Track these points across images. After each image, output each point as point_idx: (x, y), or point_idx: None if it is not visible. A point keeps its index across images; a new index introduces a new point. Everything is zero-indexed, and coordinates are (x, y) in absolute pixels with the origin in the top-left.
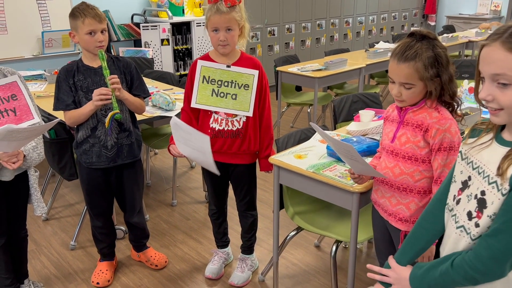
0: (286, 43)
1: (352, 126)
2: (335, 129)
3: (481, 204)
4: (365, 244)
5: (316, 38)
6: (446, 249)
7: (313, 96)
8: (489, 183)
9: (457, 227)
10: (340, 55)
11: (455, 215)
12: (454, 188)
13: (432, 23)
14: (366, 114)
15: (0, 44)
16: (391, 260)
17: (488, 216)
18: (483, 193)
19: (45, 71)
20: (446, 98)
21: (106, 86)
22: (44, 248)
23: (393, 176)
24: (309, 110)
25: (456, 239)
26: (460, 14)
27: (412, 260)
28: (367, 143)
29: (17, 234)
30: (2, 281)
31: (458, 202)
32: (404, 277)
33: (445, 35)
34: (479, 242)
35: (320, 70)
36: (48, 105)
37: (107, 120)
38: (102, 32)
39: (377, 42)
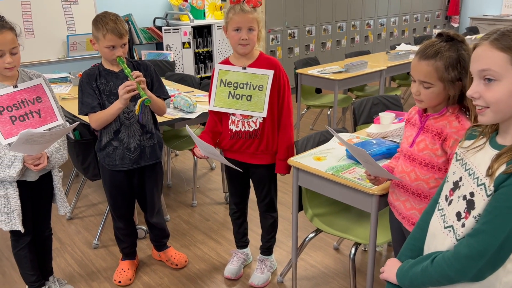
0: (306, 45)
1: (372, 128)
2: (355, 131)
3: (470, 205)
4: (384, 247)
5: (337, 40)
6: (431, 248)
7: (333, 99)
8: (478, 185)
9: (445, 227)
10: (360, 57)
11: (444, 215)
12: (446, 188)
13: (455, 25)
14: (387, 117)
15: (28, 47)
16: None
17: (473, 217)
18: (472, 194)
19: (70, 73)
20: (467, 103)
21: None
22: (68, 246)
23: (409, 180)
24: (329, 113)
25: (442, 239)
26: (484, 15)
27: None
28: (386, 145)
29: (42, 232)
30: (28, 277)
31: (450, 202)
32: (394, 271)
33: (468, 37)
34: (460, 241)
35: (340, 72)
36: (72, 107)
37: (137, 106)
38: (122, 46)
39: (399, 44)
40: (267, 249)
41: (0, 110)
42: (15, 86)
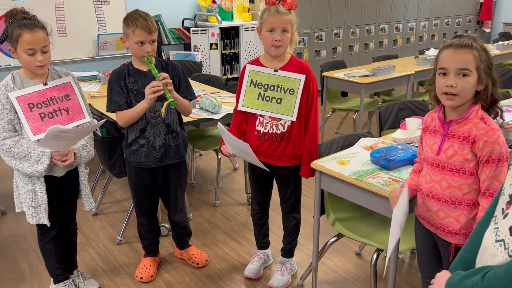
0: (333, 48)
1: (398, 133)
2: (380, 136)
3: None
4: (407, 255)
5: (365, 44)
6: (482, 262)
7: (359, 102)
8: None
9: (497, 241)
10: (388, 61)
11: (497, 228)
12: (502, 201)
13: (487, 30)
14: (413, 122)
15: (60, 46)
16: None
17: None
18: None
19: (99, 72)
20: (489, 102)
21: None
22: (93, 241)
23: (440, 189)
24: (354, 116)
25: (493, 253)
26: None
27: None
28: (412, 151)
29: (68, 227)
30: (53, 270)
31: (505, 216)
32: (443, 283)
33: (500, 42)
34: None
35: (367, 76)
36: (101, 105)
37: (163, 109)
38: (151, 42)
39: (428, 49)
40: (288, 251)
41: (30, 107)
42: (45, 84)
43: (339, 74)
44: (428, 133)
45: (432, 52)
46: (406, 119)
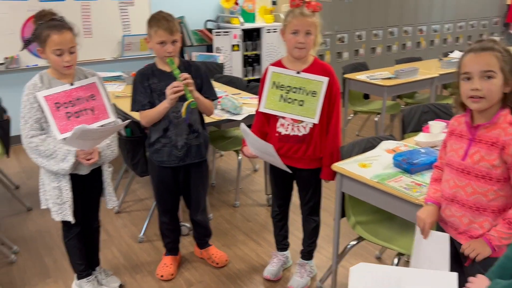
0: (355, 50)
1: (421, 137)
2: (402, 139)
3: None
4: None
5: (387, 46)
6: None
7: (381, 105)
8: None
9: None
10: (411, 64)
11: None
12: None
13: None
14: (436, 125)
15: (85, 47)
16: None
17: None
18: None
19: (123, 72)
20: None
21: None
22: (115, 239)
23: (465, 195)
24: (376, 119)
25: None
26: None
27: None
28: (435, 155)
29: (91, 224)
30: (76, 266)
31: None
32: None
33: None
34: None
35: (389, 78)
36: (125, 105)
37: (183, 109)
38: (172, 43)
39: (452, 51)
40: (307, 253)
41: (57, 106)
42: (72, 84)
43: (361, 76)
44: (454, 137)
45: (456, 54)
46: (430, 122)
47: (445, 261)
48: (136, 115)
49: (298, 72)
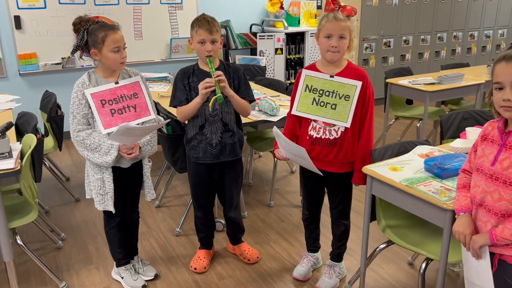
0: (402, 55)
1: (457, 143)
2: (440, 144)
3: None
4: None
5: (436, 51)
6: None
7: (423, 111)
8: None
9: None
10: (457, 70)
11: None
12: None
13: None
14: (473, 132)
15: (137, 48)
16: None
17: None
18: None
19: (169, 73)
20: None
21: None
22: (154, 231)
23: (492, 201)
24: (418, 125)
25: None
26: None
27: None
28: None
29: (131, 215)
30: (115, 254)
31: None
32: None
33: None
34: None
35: (433, 84)
36: (168, 104)
37: (210, 103)
38: (212, 42)
39: None
40: (337, 255)
41: (102, 103)
42: (117, 83)
43: (404, 81)
44: (486, 142)
45: None
46: (467, 128)
47: (489, 277)
48: (175, 112)
49: (331, 76)
